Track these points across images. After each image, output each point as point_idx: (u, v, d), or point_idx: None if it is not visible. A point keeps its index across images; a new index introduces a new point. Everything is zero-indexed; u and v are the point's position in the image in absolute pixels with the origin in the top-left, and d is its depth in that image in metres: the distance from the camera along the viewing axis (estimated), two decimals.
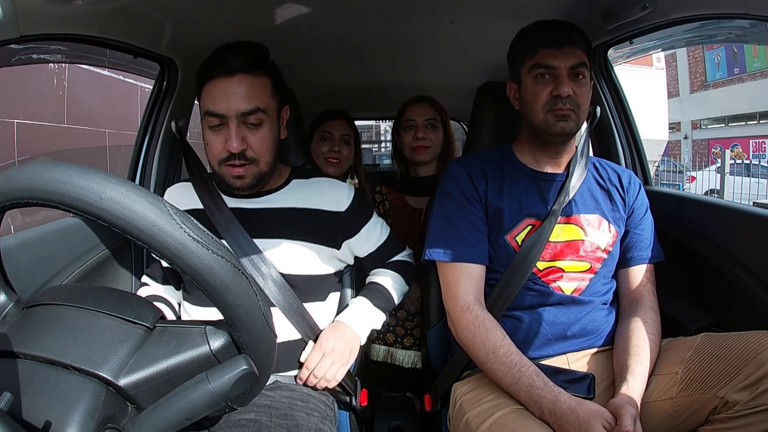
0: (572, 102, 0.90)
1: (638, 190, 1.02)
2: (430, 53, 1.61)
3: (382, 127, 9.43)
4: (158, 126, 1.29)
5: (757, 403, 0.69)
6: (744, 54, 12.26)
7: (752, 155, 11.73)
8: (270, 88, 0.91)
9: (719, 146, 11.95)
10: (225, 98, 0.86)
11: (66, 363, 0.43)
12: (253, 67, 0.88)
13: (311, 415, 0.85)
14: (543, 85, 0.92)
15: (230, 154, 0.87)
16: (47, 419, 0.39)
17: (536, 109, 0.93)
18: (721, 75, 13.20)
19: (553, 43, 0.92)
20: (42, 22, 0.82)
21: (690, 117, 14.07)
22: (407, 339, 1.46)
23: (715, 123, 13.69)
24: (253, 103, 0.86)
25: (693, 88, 14.07)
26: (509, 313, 0.93)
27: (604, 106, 1.33)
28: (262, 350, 0.50)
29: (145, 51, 1.15)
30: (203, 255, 0.41)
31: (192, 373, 0.47)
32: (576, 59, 0.91)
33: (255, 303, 0.47)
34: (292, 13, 1.18)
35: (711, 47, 12.83)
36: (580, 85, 0.92)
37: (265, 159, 0.90)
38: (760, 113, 12.23)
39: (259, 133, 0.88)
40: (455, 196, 0.97)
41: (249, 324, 0.47)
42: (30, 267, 0.85)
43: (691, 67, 14.03)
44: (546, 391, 0.77)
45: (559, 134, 0.93)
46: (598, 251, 0.95)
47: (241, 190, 0.92)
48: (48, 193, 0.39)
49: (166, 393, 0.47)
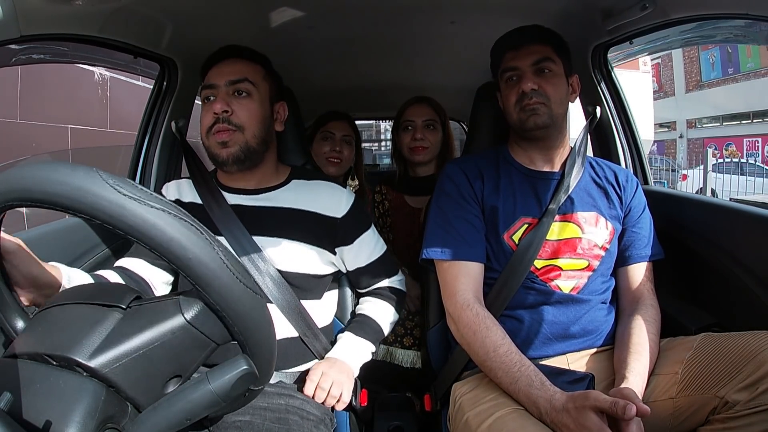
0: (538, 95, 0.94)
1: (635, 188, 1.02)
2: (430, 53, 1.61)
3: (382, 126, 9.44)
4: (158, 126, 1.29)
5: (757, 403, 0.69)
6: (738, 54, 12.59)
7: (746, 154, 12.10)
8: (262, 72, 0.96)
9: (714, 145, 12.35)
10: (218, 73, 0.93)
11: (41, 353, 0.43)
12: (248, 55, 0.96)
13: (306, 419, 0.85)
14: (511, 86, 0.97)
15: (216, 119, 0.89)
16: (47, 419, 0.39)
17: (510, 110, 0.98)
18: (716, 75, 13.54)
19: (514, 45, 0.97)
20: (42, 22, 0.82)
21: (685, 116, 14.37)
22: (407, 339, 1.46)
23: (711, 122, 13.99)
24: (242, 74, 0.92)
25: (689, 87, 14.41)
26: (508, 312, 0.93)
27: (604, 106, 1.33)
28: (245, 316, 0.45)
29: (145, 51, 1.15)
30: (139, 210, 0.39)
31: (172, 345, 0.45)
32: (537, 55, 0.95)
33: (212, 254, 0.42)
34: (292, 13, 1.18)
35: (706, 47, 13.20)
36: (547, 77, 0.95)
37: (251, 130, 0.91)
38: (754, 113, 12.55)
39: (247, 102, 0.92)
40: (452, 195, 0.98)
41: (212, 279, 0.42)
42: None
43: (687, 67, 14.38)
44: (542, 391, 0.77)
45: (532, 128, 0.95)
46: (595, 249, 0.95)
47: (228, 164, 0.91)
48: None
49: (146, 370, 0.44)
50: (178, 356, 0.45)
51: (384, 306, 1.06)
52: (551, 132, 0.98)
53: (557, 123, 0.97)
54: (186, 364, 0.46)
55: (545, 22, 1.02)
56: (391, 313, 1.07)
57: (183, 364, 0.46)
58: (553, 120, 0.96)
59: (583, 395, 0.71)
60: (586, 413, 0.69)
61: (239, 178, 0.97)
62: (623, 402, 0.66)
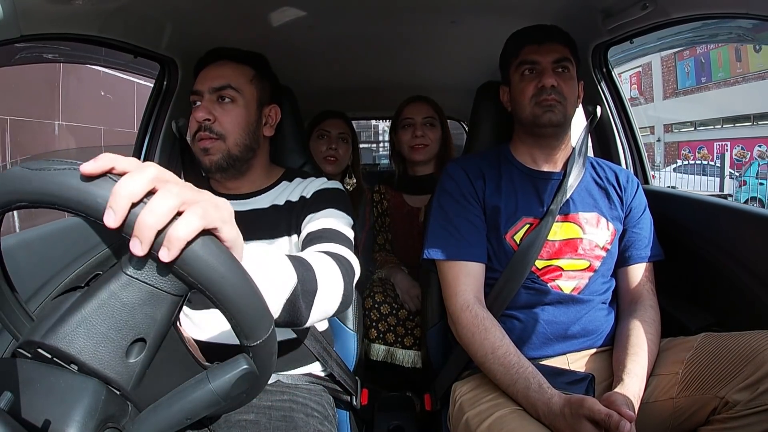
0: (557, 93, 0.94)
1: (636, 188, 1.02)
2: (431, 52, 1.62)
3: (381, 126, 9.44)
4: (158, 126, 1.29)
5: (758, 403, 0.69)
6: (711, 64, 13.68)
7: (716, 156, 13.04)
8: (250, 75, 0.93)
9: (688, 148, 13.69)
10: (203, 78, 0.92)
11: (17, 347, 0.43)
12: (237, 57, 0.94)
13: (311, 416, 0.85)
14: (528, 80, 0.97)
15: (199, 126, 0.89)
16: (47, 418, 0.39)
17: (523, 103, 0.97)
18: (690, 83, 14.59)
19: (535, 40, 0.97)
20: (42, 22, 0.82)
21: (663, 121, 15.39)
22: (407, 339, 1.46)
23: (686, 127, 15.16)
24: (225, 81, 0.90)
25: (666, 94, 15.44)
26: (509, 312, 0.93)
27: (605, 105, 1.33)
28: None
29: (146, 51, 1.15)
30: (51, 177, 0.37)
31: (115, 305, 0.41)
32: (558, 54, 0.95)
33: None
34: (293, 13, 1.18)
35: (682, 57, 14.28)
36: (565, 78, 0.95)
37: (233, 138, 0.90)
38: (723, 118, 13.60)
39: (230, 109, 0.90)
40: (454, 195, 0.98)
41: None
42: (30, 267, 0.85)
43: (665, 76, 15.35)
44: (540, 393, 0.77)
45: (546, 125, 0.95)
46: (596, 249, 0.95)
47: (212, 172, 0.91)
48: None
49: (96, 338, 0.41)
50: (128, 317, 0.41)
51: (326, 259, 0.72)
52: (560, 132, 0.98)
53: (567, 123, 0.98)
54: (141, 324, 0.42)
55: (545, 22, 1.03)
56: (335, 271, 0.70)
57: (137, 324, 0.41)
58: (566, 119, 0.97)
59: (579, 402, 0.71)
60: (581, 421, 0.70)
61: (229, 184, 0.97)
62: (617, 417, 0.66)
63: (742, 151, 12.74)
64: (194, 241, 0.39)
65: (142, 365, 0.43)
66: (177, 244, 0.37)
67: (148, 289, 0.41)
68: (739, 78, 12.89)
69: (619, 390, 0.78)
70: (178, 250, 0.38)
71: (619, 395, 0.74)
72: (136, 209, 0.37)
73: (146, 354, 0.43)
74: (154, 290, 0.42)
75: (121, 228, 0.37)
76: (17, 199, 0.38)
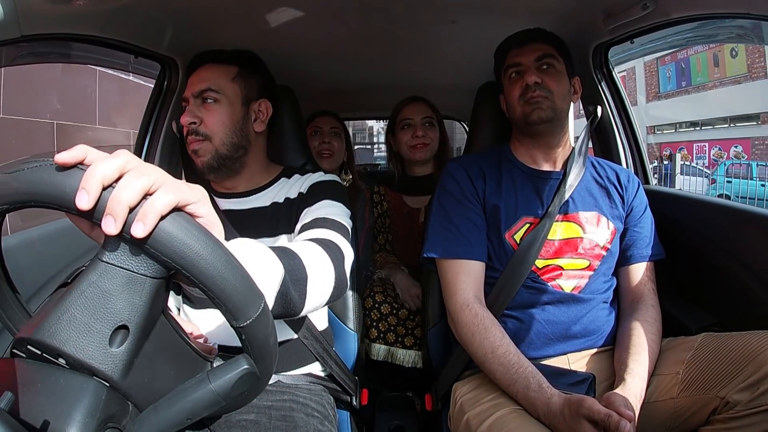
0: (541, 88, 0.95)
1: (637, 188, 1.02)
2: (432, 53, 1.61)
3: (375, 128, 9.43)
4: (159, 126, 1.29)
5: (758, 403, 0.69)
6: (690, 69, 14.44)
7: (695, 156, 13.91)
8: (234, 73, 0.94)
9: (669, 149, 14.25)
10: (189, 84, 0.94)
11: (10, 345, 0.43)
12: (220, 58, 0.95)
13: (311, 416, 0.85)
14: (514, 81, 0.99)
15: (188, 130, 0.91)
16: (47, 418, 0.39)
17: (513, 104, 0.99)
18: (671, 87, 15.29)
19: (518, 43, 1.00)
20: (42, 22, 0.82)
21: (646, 123, 15.98)
22: (408, 338, 1.46)
23: (667, 129, 15.88)
24: (206, 84, 0.92)
25: (648, 98, 16.05)
26: (509, 312, 0.93)
27: (605, 105, 1.33)
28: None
29: (146, 51, 1.15)
30: (24, 176, 0.38)
31: (93, 293, 0.41)
32: (540, 51, 0.98)
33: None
34: (292, 13, 1.18)
35: (663, 62, 15.09)
36: (549, 73, 0.97)
37: (219, 137, 0.91)
38: (702, 121, 14.39)
39: (213, 110, 0.91)
40: (454, 194, 0.98)
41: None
42: (30, 267, 0.85)
43: (648, 80, 16.00)
44: (539, 393, 0.77)
45: (536, 122, 0.96)
46: (596, 248, 0.95)
47: (204, 173, 0.92)
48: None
49: (77, 327, 0.40)
50: (108, 304, 0.41)
51: (311, 246, 0.72)
52: (554, 127, 0.98)
53: (560, 118, 0.98)
54: (122, 311, 0.41)
55: (546, 22, 1.03)
56: (322, 256, 0.70)
57: (118, 311, 0.41)
58: (556, 114, 0.97)
59: (579, 402, 0.71)
60: (580, 421, 0.70)
61: (227, 183, 0.97)
62: (617, 417, 0.66)
63: (719, 152, 13.43)
64: (167, 218, 0.39)
65: (128, 353, 0.42)
66: (151, 218, 0.37)
67: (125, 274, 0.41)
68: (716, 82, 13.58)
69: (621, 390, 0.78)
70: (152, 224, 0.38)
71: (618, 395, 0.73)
72: (108, 191, 0.37)
73: (131, 342, 0.42)
74: (131, 274, 0.41)
75: (94, 211, 0.37)
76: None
